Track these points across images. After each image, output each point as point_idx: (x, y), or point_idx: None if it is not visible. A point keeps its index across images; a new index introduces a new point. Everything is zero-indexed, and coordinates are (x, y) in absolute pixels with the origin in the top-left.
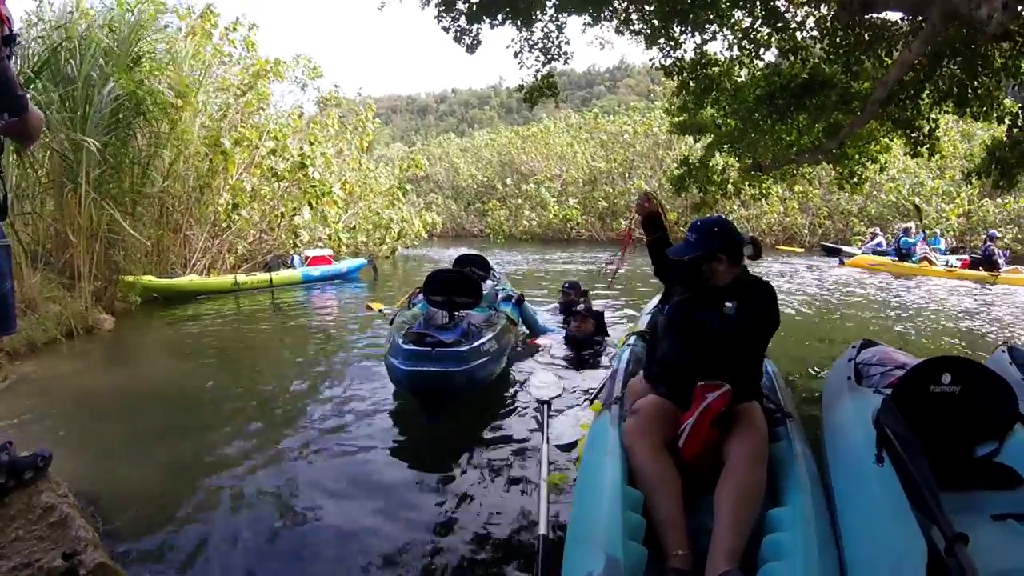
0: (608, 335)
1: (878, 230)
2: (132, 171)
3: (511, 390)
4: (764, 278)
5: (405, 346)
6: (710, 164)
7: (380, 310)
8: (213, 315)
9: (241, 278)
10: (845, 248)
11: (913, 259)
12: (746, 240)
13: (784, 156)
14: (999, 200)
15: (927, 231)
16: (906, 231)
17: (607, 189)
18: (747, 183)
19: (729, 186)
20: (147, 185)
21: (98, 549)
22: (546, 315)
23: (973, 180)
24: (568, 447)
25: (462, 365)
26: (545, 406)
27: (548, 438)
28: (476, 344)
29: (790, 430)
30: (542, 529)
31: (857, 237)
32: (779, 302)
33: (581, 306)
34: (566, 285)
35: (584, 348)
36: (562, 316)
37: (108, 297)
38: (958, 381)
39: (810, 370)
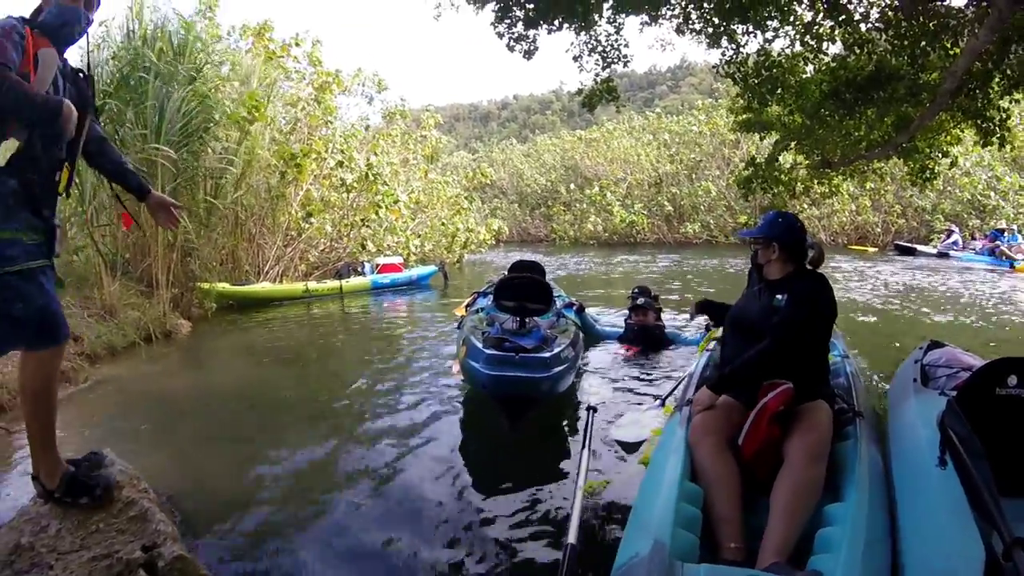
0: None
1: (953, 227)
2: (205, 183)
3: (563, 393)
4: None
5: (487, 351)
6: (777, 163)
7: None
8: (285, 321)
9: (312, 285)
10: (920, 247)
11: None
12: (810, 243)
13: (853, 152)
14: None
15: (1007, 229)
16: None
17: (673, 191)
18: (816, 181)
19: (797, 185)
20: (220, 196)
21: (177, 542)
22: (612, 320)
23: None
24: (633, 446)
25: (546, 372)
26: (591, 412)
27: (589, 445)
28: (557, 351)
29: (858, 429)
30: (571, 538)
31: (935, 235)
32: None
33: (641, 299)
34: (634, 291)
35: (645, 340)
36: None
37: (185, 304)
38: None
39: None
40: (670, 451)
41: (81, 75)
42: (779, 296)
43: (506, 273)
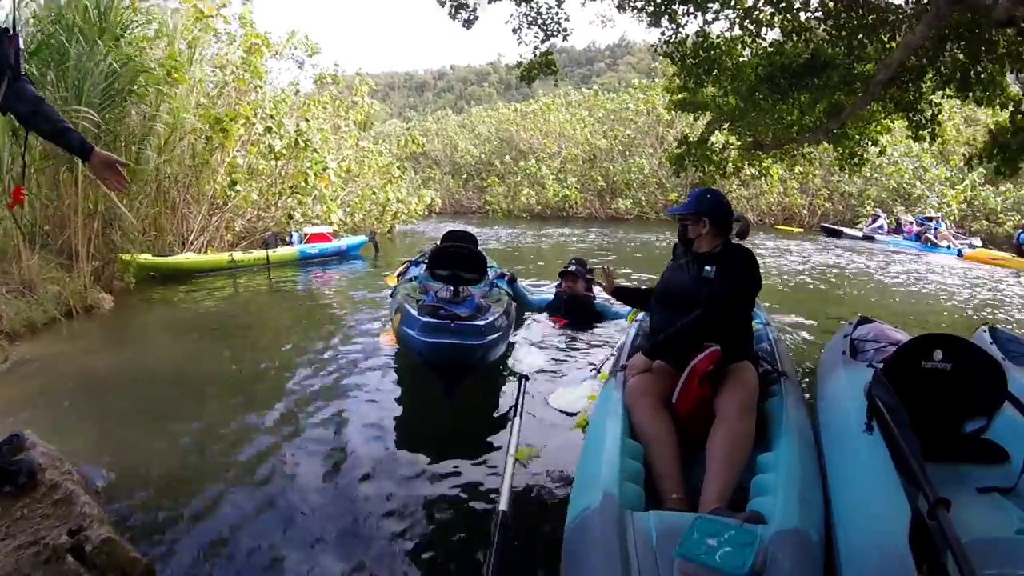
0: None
1: (880, 212)
2: (127, 149)
3: (494, 364)
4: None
5: (423, 318)
6: (710, 142)
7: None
8: (210, 293)
9: (237, 255)
10: (846, 230)
11: None
12: (736, 216)
13: (785, 135)
14: (1001, 188)
15: (933, 217)
16: None
17: (607, 167)
18: (747, 162)
19: (729, 165)
20: (143, 163)
21: (104, 524)
22: (545, 291)
23: (974, 164)
24: (571, 414)
25: (481, 339)
26: (523, 381)
27: (520, 413)
28: (491, 319)
29: (783, 387)
30: (502, 505)
31: (862, 219)
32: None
33: (572, 267)
34: (572, 261)
35: (574, 310)
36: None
37: (106, 276)
38: (949, 358)
39: None
40: (609, 412)
41: (6, 34)
42: (708, 268)
43: (439, 243)
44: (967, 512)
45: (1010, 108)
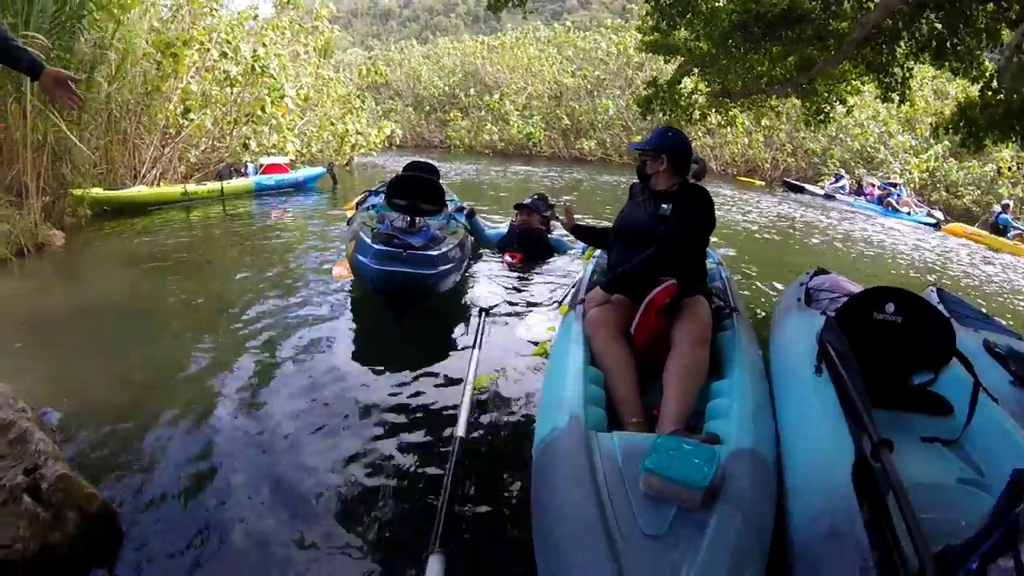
0: (551, 232)
1: (843, 172)
2: (77, 75)
3: (454, 298)
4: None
5: (376, 246)
6: (678, 86)
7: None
8: (164, 227)
9: (191, 187)
10: (808, 187)
11: (1008, 236)
12: (695, 158)
13: (754, 85)
14: (964, 163)
15: (897, 184)
16: (1005, 207)
17: (573, 106)
18: (714, 109)
19: (695, 112)
20: (93, 91)
21: (59, 461)
22: (503, 228)
23: (940, 135)
24: (536, 344)
25: (432, 269)
26: (483, 313)
27: (479, 344)
28: (444, 250)
29: (735, 321)
30: (460, 431)
31: (824, 177)
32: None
33: (528, 199)
34: (534, 197)
35: (528, 244)
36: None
37: (57, 212)
38: (901, 312)
39: None
40: (570, 342)
41: None
42: (664, 206)
43: (400, 172)
44: (910, 458)
45: (981, 83)
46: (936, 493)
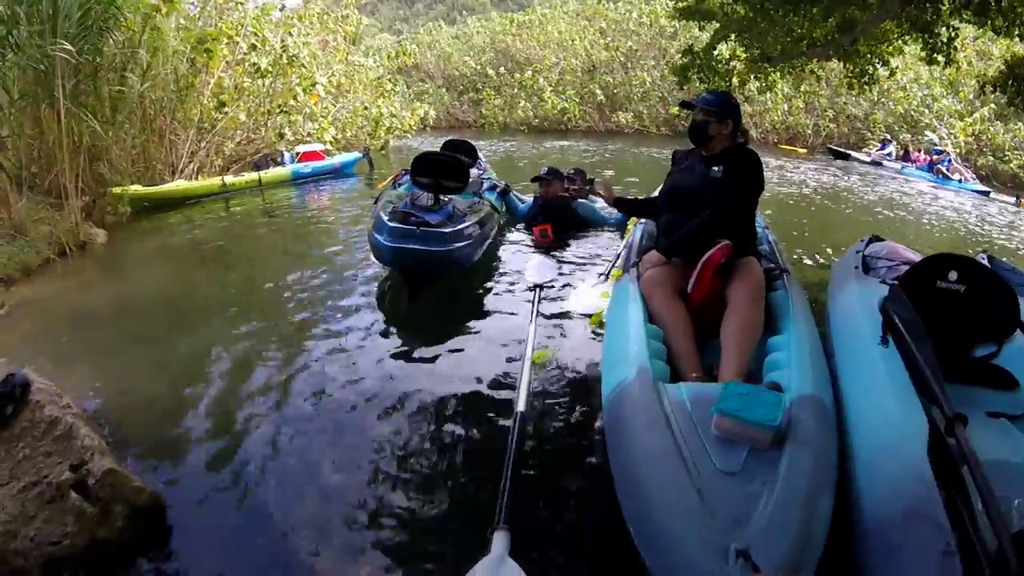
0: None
1: (889, 137)
2: (108, 78)
3: (507, 275)
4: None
5: (391, 223)
6: (715, 52)
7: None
8: (204, 220)
9: (229, 179)
10: (853, 153)
11: None
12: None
13: (794, 49)
14: (1010, 126)
15: (940, 151)
16: None
17: (607, 79)
18: (753, 75)
19: (734, 78)
20: (126, 91)
21: (106, 456)
22: None
23: (987, 93)
24: (586, 316)
25: (445, 245)
26: (538, 289)
27: (536, 319)
28: (460, 227)
29: (786, 281)
30: (520, 406)
31: (869, 143)
32: None
33: (543, 170)
34: (571, 172)
35: (552, 212)
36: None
37: (98, 211)
38: (964, 280)
39: None
40: (627, 302)
41: None
42: (715, 168)
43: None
44: (976, 433)
45: None
46: (1005, 469)
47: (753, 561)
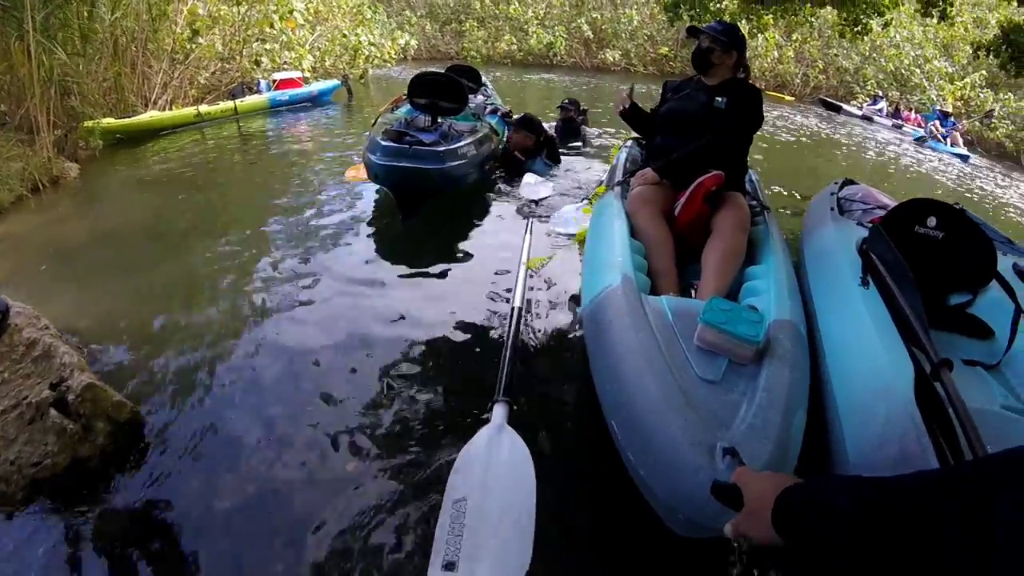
0: (557, 163)
1: (881, 94)
2: (78, 9)
3: (504, 195)
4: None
5: (383, 143)
6: None
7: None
8: (179, 150)
9: (204, 108)
10: (845, 106)
11: None
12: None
13: None
14: (1000, 95)
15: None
16: None
17: (595, 16)
18: (745, 16)
19: (726, 16)
20: (96, 21)
21: (85, 371)
22: None
23: (981, 56)
24: (568, 236)
25: (437, 164)
26: (534, 204)
27: (531, 229)
28: (454, 146)
29: (767, 219)
30: (516, 302)
31: (860, 96)
32: None
33: (564, 101)
34: (565, 102)
35: (568, 133)
36: (558, 136)
37: (70, 145)
38: (943, 227)
39: None
40: (612, 217)
41: None
42: (719, 99)
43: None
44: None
45: None
46: (982, 419)
47: (740, 458)
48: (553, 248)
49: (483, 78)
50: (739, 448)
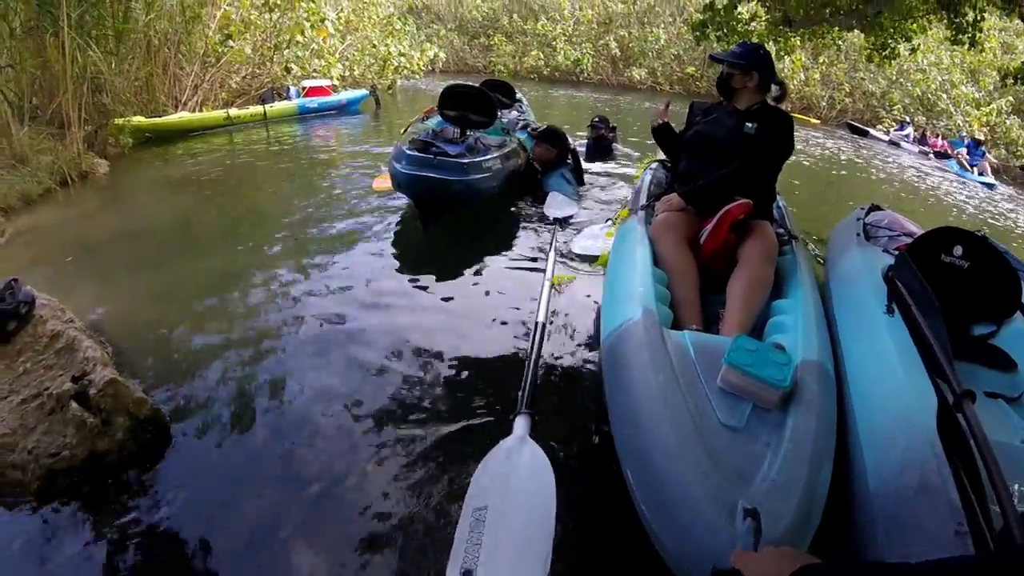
0: (581, 182)
1: (908, 119)
2: (113, 8)
3: (529, 212)
4: None
5: (409, 152)
6: (736, 11)
7: None
8: (207, 152)
9: (234, 112)
10: (872, 131)
11: None
12: (778, 79)
13: (817, 15)
14: None
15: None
16: None
17: (622, 33)
18: (772, 38)
19: (753, 38)
20: (130, 22)
21: (108, 367)
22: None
23: (1008, 84)
24: (591, 259)
25: (460, 175)
26: (558, 223)
27: (555, 247)
28: (479, 159)
29: (795, 249)
30: (540, 317)
31: (886, 121)
32: None
33: (595, 119)
34: (596, 120)
35: (599, 151)
36: (589, 155)
37: (100, 142)
38: (969, 256)
39: None
40: (635, 243)
41: None
42: (749, 124)
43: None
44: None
45: None
46: (1003, 453)
47: (760, 522)
48: (576, 268)
49: (518, 94)
50: (760, 508)
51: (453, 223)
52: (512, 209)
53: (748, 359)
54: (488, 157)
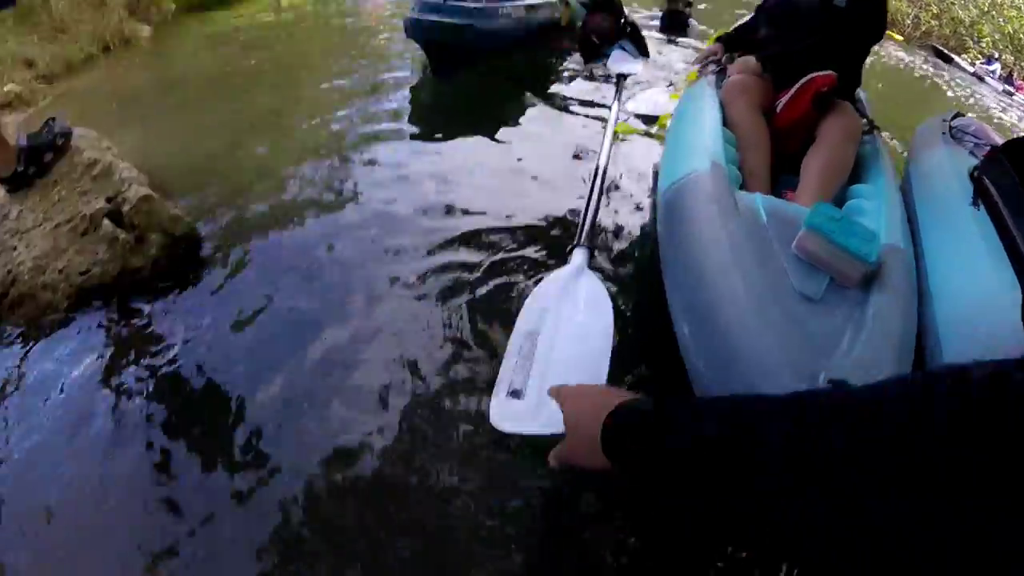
0: (644, 55)
1: (996, 54)
2: None
3: (576, 72)
4: None
5: None
6: None
7: None
8: (253, 16)
9: None
10: (957, 59)
11: None
12: None
13: None
14: None
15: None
16: None
17: None
18: None
19: None
20: None
21: (143, 186)
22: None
23: None
24: (650, 119)
25: (470, 20)
26: (622, 78)
27: (620, 99)
28: (494, 5)
29: (876, 138)
30: (602, 161)
31: (973, 52)
32: None
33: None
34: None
35: (673, 24)
36: (663, 28)
37: (143, 8)
38: None
39: None
40: (703, 103)
41: None
42: None
43: None
44: None
45: None
46: None
47: None
48: (640, 125)
49: None
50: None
51: (506, 71)
52: (574, 66)
53: (832, 227)
54: (507, 4)
